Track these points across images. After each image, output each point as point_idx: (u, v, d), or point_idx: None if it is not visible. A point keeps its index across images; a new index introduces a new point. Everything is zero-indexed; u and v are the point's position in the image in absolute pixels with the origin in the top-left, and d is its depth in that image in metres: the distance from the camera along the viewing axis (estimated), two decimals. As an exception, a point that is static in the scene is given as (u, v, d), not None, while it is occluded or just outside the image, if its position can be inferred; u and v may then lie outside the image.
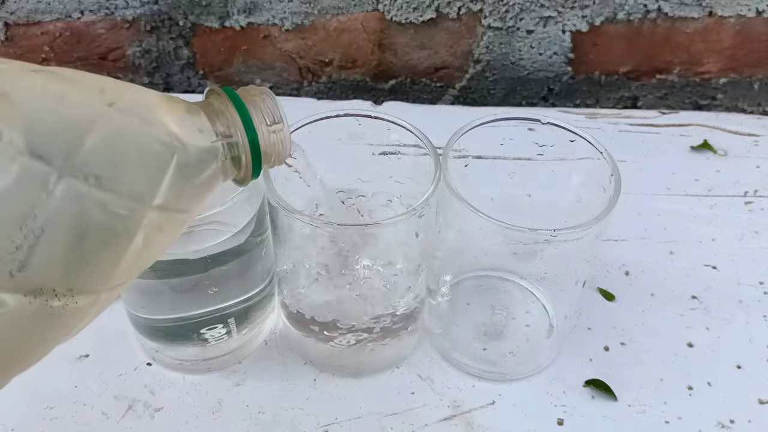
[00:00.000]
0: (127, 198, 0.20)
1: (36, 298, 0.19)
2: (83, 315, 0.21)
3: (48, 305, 0.20)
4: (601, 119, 0.55)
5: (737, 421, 0.36)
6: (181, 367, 0.37)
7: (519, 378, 0.38)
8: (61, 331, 0.21)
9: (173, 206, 0.22)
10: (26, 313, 0.19)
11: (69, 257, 0.20)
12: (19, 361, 0.21)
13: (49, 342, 0.21)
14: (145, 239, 0.21)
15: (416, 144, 0.34)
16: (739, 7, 0.55)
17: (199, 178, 0.23)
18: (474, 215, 0.31)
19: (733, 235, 0.46)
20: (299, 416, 0.36)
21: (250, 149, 0.25)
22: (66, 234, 0.19)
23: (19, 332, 0.20)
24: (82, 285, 0.20)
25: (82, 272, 0.20)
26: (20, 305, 0.19)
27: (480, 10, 0.55)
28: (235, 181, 0.26)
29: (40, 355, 0.22)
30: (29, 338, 0.20)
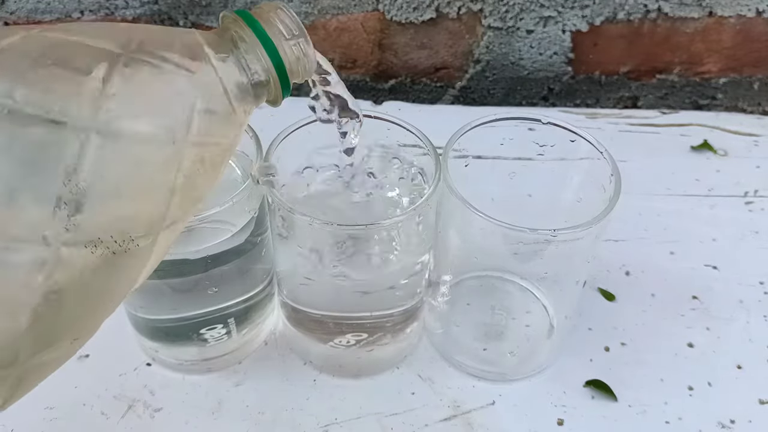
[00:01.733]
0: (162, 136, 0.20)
1: (97, 248, 0.19)
2: (147, 257, 0.21)
3: (110, 252, 0.20)
4: (601, 119, 0.55)
5: (737, 421, 0.36)
6: (181, 367, 0.37)
7: (519, 378, 0.38)
8: (130, 276, 0.21)
9: (210, 138, 0.22)
10: (92, 264, 0.19)
11: (119, 202, 0.20)
12: (95, 311, 0.22)
13: (121, 288, 0.22)
14: (188, 174, 0.21)
15: (416, 144, 0.34)
16: (739, 7, 0.55)
17: (230, 107, 0.23)
18: (474, 215, 0.31)
19: (734, 235, 0.46)
20: (299, 416, 0.36)
21: (274, 68, 0.24)
22: (110, 181, 0.19)
23: (89, 283, 0.20)
24: (137, 228, 0.20)
25: (134, 215, 0.20)
26: (84, 257, 0.19)
27: (480, 10, 0.55)
28: (268, 102, 0.26)
29: (115, 303, 0.22)
30: (100, 288, 0.20)
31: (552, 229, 0.31)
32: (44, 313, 0.19)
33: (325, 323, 0.36)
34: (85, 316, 0.21)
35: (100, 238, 0.19)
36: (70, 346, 0.21)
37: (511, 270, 0.39)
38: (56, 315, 0.19)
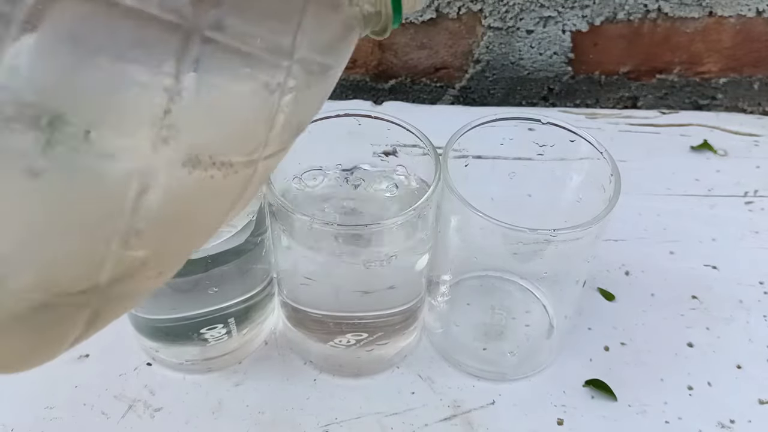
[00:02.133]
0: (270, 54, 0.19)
1: (195, 168, 0.18)
2: (245, 185, 0.20)
3: (208, 175, 0.18)
4: (601, 119, 0.55)
5: (737, 421, 0.37)
6: (181, 367, 0.37)
7: (519, 378, 0.38)
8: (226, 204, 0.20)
9: (317, 56, 0.20)
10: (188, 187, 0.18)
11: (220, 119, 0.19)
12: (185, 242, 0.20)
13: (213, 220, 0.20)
14: (293, 99, 0.20)
15: (416, 144, 0.34)
16: (739, 7, 0.55)
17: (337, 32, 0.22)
18: (474, 215, 0.31)
19: (733, 235, 0.46)
20: (299, 416, 0.36)
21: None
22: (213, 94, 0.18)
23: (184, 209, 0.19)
24: (237, 151, 0.19)
25: (235, 137, 0.19)
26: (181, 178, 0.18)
27: (480, 10, 0.55)
28: (374, 33, 0.24)
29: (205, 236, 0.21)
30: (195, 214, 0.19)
31: (552, 229, 0.31)
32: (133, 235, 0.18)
33: (325, 323, 0.36)
34: (174, 246, 0.20)
35: (198, 156, 0.18)
36: (154, 279, 0.20)
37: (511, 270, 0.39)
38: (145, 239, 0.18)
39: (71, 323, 0.19)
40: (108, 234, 0.17)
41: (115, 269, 0.18)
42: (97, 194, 0.17)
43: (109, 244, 0.17)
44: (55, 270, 0.17)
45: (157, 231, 0.18)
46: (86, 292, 0.18)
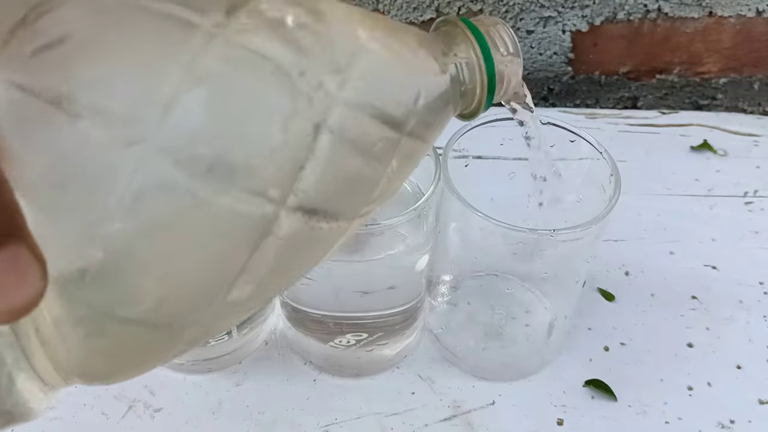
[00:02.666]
0: (391, 124, 0.21)
1: (311, 219, 0.19)
2: (339, 238, 0.21)
3: (318, 227, 0.20)
4: (601, 119, 0.55)
5: (737, 421, 0.37)
6: (181, 367, 0.38)
7: (519, 378, 0.38)
8: (320, 254, 0.22)
9: (419, 134, 0.22)
10: (300, 234, 0.19)
11: (341, 180, 0.20)
12: (283, 281, 0.22)
13: (308, 264, 0.22)
14: (396, 166, 0.22)
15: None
16: (739, 7, 0.55)
17: (440, 108, 0.23)
18: (474, 215, 0.31)
19: (733, 235, 0.46)
20: (299, 416, 0.36)
21: (487, 80, 0.24)
22: (341, 157, 0.20)
23: (290, 253, 0.20)
24: (346, 208, 0.21)
25: (348, 196, 0.21)
26: (297, 226, 0.19)
27: (480, 10, 0.55)
28: (462, 115, 0.26)
29: (298, 276, 0.22)
30: (296, 259, 0.21)
31: (552, 229, 0.31)
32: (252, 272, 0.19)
33: (325, 323, 0.36)
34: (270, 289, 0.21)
35: (316, 209, 0.19)
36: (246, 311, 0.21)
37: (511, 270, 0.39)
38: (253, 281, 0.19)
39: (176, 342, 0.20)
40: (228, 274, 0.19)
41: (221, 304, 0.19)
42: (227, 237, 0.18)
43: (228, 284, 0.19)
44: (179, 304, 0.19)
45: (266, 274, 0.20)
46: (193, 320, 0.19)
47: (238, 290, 0.19)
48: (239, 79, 0.18)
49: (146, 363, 0.21)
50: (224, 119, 0.18)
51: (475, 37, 0.24)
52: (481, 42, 0.24)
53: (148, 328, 0.19)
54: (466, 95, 0.24)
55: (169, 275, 0.18)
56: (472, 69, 0.24)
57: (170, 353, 0.20)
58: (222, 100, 0.18)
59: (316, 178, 0.19)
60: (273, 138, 0.18)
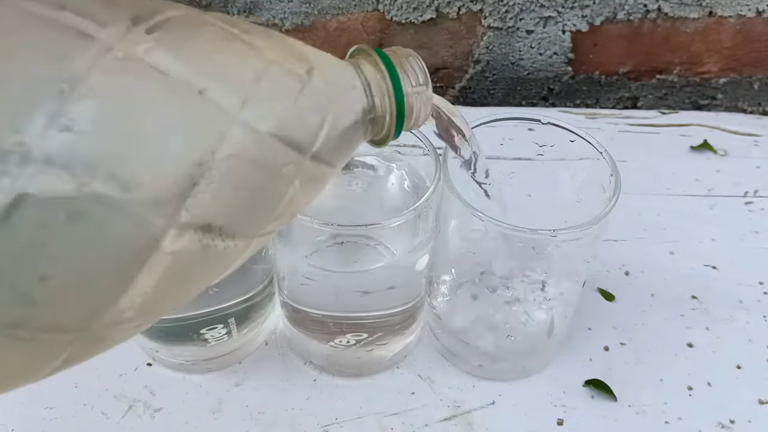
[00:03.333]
0: (293, 147, 0.21)
1: (204, 236, 0.19)
2: (235, 259, 0.22)
3: (213, 244, 0.20)
4: (601, 119, 0.55)
5: (737, 421, 0.37)
6: (181, 367, 0.38)
7: (519, 378, 0.38)
8: (214, 273, 0.22)
9: (325, 158, 0.22)
10: (192, 251, 0.19)
11: (238, 199, 0.20)
12: (174, 299, 0.22)
13: (202, 282, 0.22)
14: (298, 188, 0.22)
15: (416, 144, 0.34)
16: (739, 7, 0.55)
17: (349, 134, 0.24)
18: (474, 215, 0.31)
19: (733, 235, 0.46)
20: (299, 416, 0.36)
21: (396, 110, 0.25)
22: (238, 176, 0.19)
23: (181, 270, 0.20)
24: (243, 227, 0.21)
25: (245, 215, 0.21)
26: (190, 242, 0.19)
27: (480, 10, 0.55)
28: (373, 141, 0.26)
29: (186, 298, 0.22)
30: (188, 277, 0.21)
31: (552, 229, 0.31)
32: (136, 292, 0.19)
33: (325, 323, 0.36)
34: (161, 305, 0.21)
35: (210, 226, 0.19)
36: (132, 330, 0.21)
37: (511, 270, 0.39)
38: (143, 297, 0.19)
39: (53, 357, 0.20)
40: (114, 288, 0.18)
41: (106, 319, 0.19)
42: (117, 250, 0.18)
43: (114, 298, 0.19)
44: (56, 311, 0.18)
45: (155, 290, 0.19)
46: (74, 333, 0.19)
47: (123, 307, 0.19)
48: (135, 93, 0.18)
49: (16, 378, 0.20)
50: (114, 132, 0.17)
51: (386, 67, 0.24)
52: (392, 72, 0.25)
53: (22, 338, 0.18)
54: (376, 122, 0.25)
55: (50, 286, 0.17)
56: (382, 97, 0.24)
57: (45, 369, 0.20)
58: (113, 113, 0.17)
59: (210, 195, 0.19)
60: (166, 154, 0.18)
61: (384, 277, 0.34)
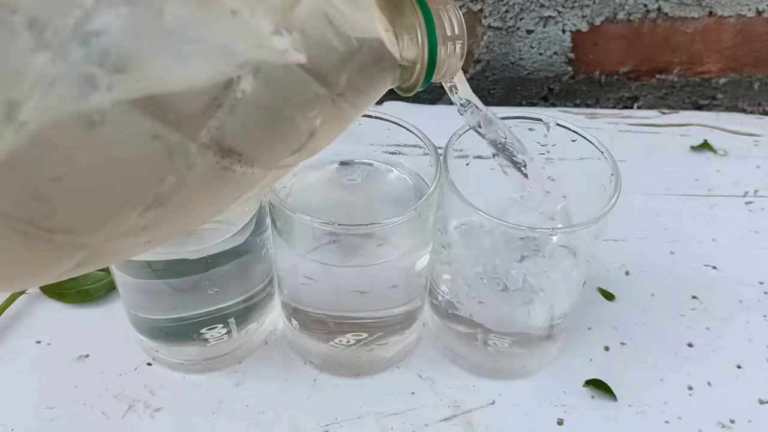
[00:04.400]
0: (320, 82, 0.21)
1: (223, 159, 0.19)
2: (253, 186, 0.21)
3: (231, 169, 0.20)
4: (601, 119, 0.55)
5: (737, 421, 0.37)
6: (181, 367, 0.37)
7: (519, 378, 0.38)
8: (228, 199, 0.22)
9: (349, 98, 0.22)
10: (209, 174, 0.19)
11: (260, 126, 0.20)
12: (185, 219, 0.22)
13: (215, 206, 0.22)
14: (321, 124, 0.21)
15: (416, 144, 0.34)
16: (739, 7, 0.55)
17: (376, 77, 0.23)
18: (474, 215, 0.31)
19: (733, 235, 0.46)
20: (299, 416, 0.36)
21: (427, 58, 0.24)
22: (262, 103, 0.19)
23: (196, 190, 0.20)
24: (262, 156, 0.21)
25: (266, 143, 0.20)
26: (208, 164, 0.19)
27: (480, 9, 0.55)
28: (400, 88, 0.25)
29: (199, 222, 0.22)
30: (202, 198, 0.21)
31: (552, 228, 0.31)
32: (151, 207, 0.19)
33: (325, 323, 0.36)
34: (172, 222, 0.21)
35: (230, 151, 0.19)
36: (142, 245, 0.21)
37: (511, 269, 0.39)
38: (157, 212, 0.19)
39: (65, 259, 0.19)
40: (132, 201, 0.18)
41: (119, 230, 0.19)
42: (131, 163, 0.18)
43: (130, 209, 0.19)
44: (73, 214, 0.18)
45: (169, 207, 0.19)
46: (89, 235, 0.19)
47: (136, 216, 0.19)
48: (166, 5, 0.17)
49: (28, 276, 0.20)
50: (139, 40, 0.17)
51: (422, 13, 0.24)
52: (428, 18, 0.24)
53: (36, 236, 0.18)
54: (405, 69, 0.24)
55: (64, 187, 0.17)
56: (415, 44, 0.24)
57: (56, 270, 0.20)
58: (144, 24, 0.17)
59: (233, 119, 0.19)
60: (193, 71, 0.18)
61: (384, 277, 0.34)
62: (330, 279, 0.33)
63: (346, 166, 0.36)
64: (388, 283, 0.34)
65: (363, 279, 0.34)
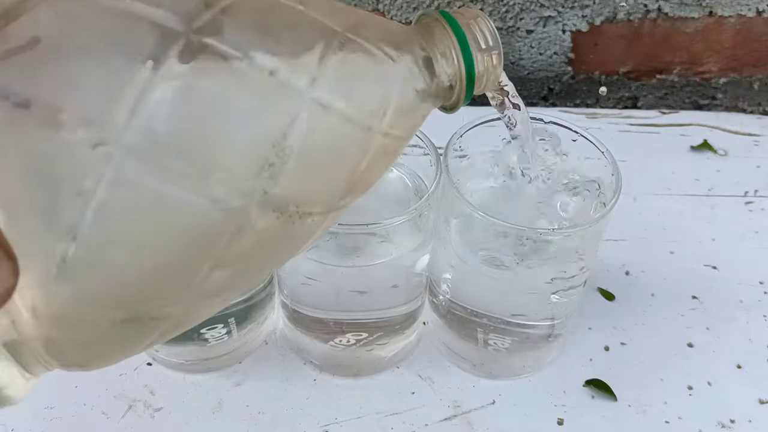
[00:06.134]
0: (363, 121, 0.21)
1: (282, 215, 0.20)
2: (315, 231, 0.22)
3: (291, 221, 0.20)
4: (601, 119, 0.55)
5: (737, 421, 0.37)
6: (181, 367, 0.37)
7: (519, 378, 0.38)
8: (296, 247, 0.22)
9: (397, 130, 0.22)
10: (272, 229, 0.20)
11: (312, 176, 0.20)
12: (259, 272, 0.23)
13: (281, 258, 0.23)
14: (371, 161, 0.22)
15: (416, 144, 0.34)
16: (739, 7, 0.55)
17: (417, 105, 0.23)
18: (474, 214, 0.31)
19: (733, 235, 0.46)
20: (299, 416, 0.36)
21: (465, 75, 0.24)
22: (311, 153, 0.20)
23: (261, 247, 0.20)
24: (319, 202, 0.21)
25: (320, 190, 0.21)
26: (269, 221, 0.20)
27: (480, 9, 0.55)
28: (444, 108, 0.26)
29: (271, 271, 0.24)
30: (270, 252, 0.21)
31: (552, 228, 0.31)
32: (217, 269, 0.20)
33: (325, 323, 0.36)
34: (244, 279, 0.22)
35: (288, 205, 0.20)
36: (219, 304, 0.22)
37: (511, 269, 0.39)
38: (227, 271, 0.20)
39: (151, 333, 0.20)
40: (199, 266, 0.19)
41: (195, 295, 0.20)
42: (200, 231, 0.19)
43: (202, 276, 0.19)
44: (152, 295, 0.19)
45: (237, 266, 0.20)
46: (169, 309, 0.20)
47: (209, 283, 0.20)
48: (206, 79, 0.18)
49: (121, 352, 0.21)
50: (190, 118, 0.18)
51: (453, 32, 0.24)
52: (460, 36, 0.24)
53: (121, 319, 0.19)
54: (445, 90, 0.24)
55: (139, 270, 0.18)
56: (451, 64, 0.24)
57: (143, 344, 0.21)
58: (188, 100, 0.18)
59: (286, 175, 0.19)
60: (239, 136, 0.19)
61: (384, 277, 0.34)
62: (330, 279, 0.33)
63: None
64: (388, 282, 0.34)
65: (363, 279, 0.34)
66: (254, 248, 0.20)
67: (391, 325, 0.36)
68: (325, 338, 0.36)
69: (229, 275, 0.20)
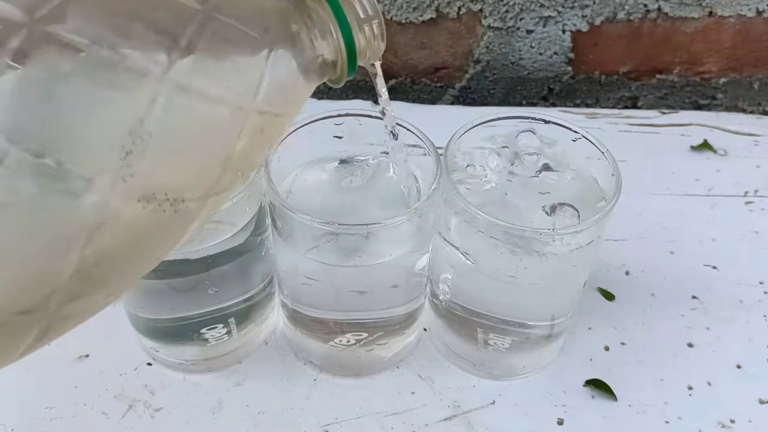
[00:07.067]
0: (231, 100, 0.20)
1: (149, 203, 0.19)
2: (193, 218, 0.21)
3: (161, 210, 0.19)
4: (601, 119, 0.55)
5: (737, 421, 0.37)
6: (181, 367, 0.37)
7: (519, 378, 0.38)
8: (175, 235, 0.21)
9: (275, 108, 0.22)
10: (141, 219, 0.19)
11: (178, 161, 0.20)
12: (134, 268, 0.21)
13: (161, 248, 0.22)
14: (247, 142, 0.21)
15: (416, 144, 0.34)
16: (739, 7, 0.55)
17: (298, 80, 0.23)
18: (474, 214, 0.31)
19: (733, 235, 0.46)
20: (299, 416, 0.36)
21: (345, 48, 0.23)
22: (174, 138, 0.19)
23: (135, 238, 0.20)
24: (191, 187, 0.20)
25: (190, 176, 0.20)
26: (135, 212, 0.19)
27: (480, 10, 0.55)
28: (331, 81, 0.25)
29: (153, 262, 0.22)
30: (143, 245, 0.20)
31: (552, 228, 0.31)
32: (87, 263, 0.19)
33: (325, 323, 0.36)
34: (124, 272, 0.21)
35: (154, 193, 0.19)
36: (103, 300, 0.21)
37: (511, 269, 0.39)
38: (98, 266, 0.19)
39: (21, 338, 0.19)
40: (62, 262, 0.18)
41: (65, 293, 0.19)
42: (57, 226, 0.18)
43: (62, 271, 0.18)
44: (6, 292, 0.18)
45: (109, 259, 0.19)
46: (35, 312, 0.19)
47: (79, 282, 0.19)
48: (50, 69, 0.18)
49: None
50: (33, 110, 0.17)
51: (329, 3, 0.23)
52: (336, 8, 0.23)
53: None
54: (327, 64, 0.24)
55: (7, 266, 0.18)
56: (328, 37, 0.23)
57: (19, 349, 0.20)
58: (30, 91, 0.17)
59: (145, 162, 0.19)
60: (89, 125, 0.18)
61: (384, 277, 0.34)
62: (330, 279, 0.33)
63: (346, 166, 0.36)
64: (388, 282, 0.34)
65: (363, 279, 0.34)
66: (126, 241, 0.19)
67: (391, 325, 0.36)
68: (325, 338, 0.36)
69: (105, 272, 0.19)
